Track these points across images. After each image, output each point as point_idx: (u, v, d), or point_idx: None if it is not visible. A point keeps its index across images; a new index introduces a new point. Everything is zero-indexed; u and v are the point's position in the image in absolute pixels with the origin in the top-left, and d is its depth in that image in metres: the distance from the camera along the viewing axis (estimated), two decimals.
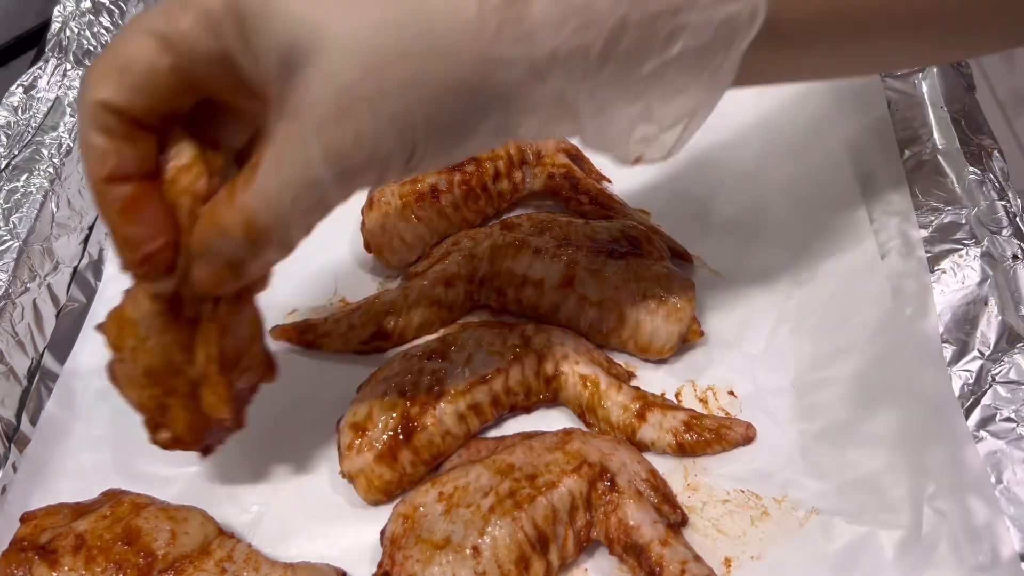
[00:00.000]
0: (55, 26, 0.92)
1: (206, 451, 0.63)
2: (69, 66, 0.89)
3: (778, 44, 0.50)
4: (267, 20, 0.43)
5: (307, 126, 0.44)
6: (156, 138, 0.49)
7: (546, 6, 0.43)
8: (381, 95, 0.43)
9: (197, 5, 0.45)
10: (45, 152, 0.82)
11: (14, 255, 0.75)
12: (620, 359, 0.76)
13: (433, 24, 0.43)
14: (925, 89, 0.84)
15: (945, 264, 0.73)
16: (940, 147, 0.80)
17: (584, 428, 0.72)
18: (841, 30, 0.52)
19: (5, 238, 0.76)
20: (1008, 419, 0.64)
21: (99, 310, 0.80)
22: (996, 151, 0.78)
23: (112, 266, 0.83)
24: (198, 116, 0.51)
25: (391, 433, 0.66)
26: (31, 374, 0.73)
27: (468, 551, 0.60)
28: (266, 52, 0.44)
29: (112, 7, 0.95)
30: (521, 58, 0.44)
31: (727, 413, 0.73)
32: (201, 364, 0.55)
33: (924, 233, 0.75)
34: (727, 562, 0.65)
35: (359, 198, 0.84)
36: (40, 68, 0.89)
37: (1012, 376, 0.65)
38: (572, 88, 0.47)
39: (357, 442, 0.66)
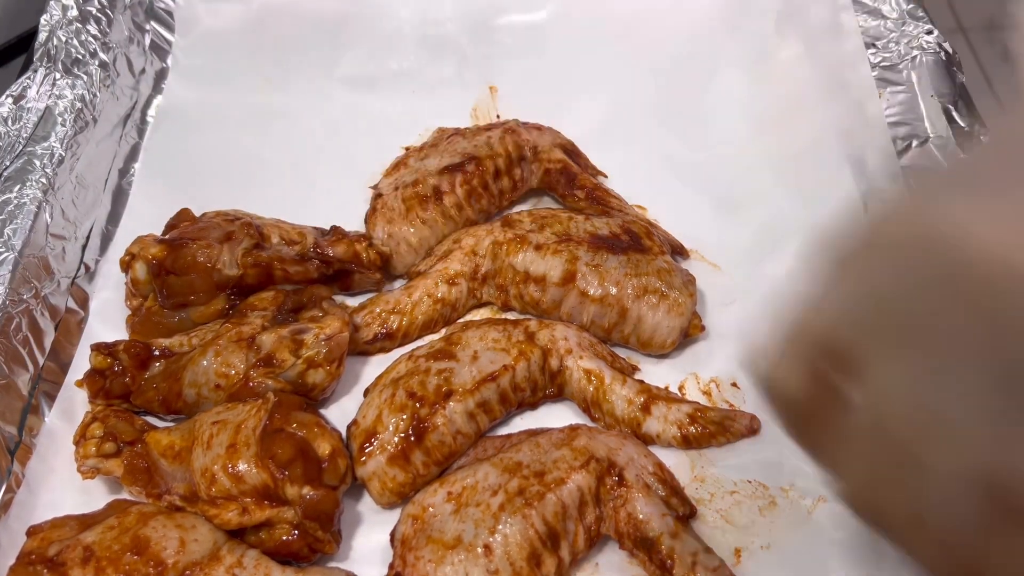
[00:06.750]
0: (42, 35, 0.91)
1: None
2: (58, 75, 0.88)
3: None
4: None
5: None
6: None
7: None
8: None
9: None
10: (37, 163, 0.81)
11: (10, 267, 0.74)
12: (622, 354, 0.76)
13: None
14: (916, 78, 0.84)
15: None
16: (932, 135, 0.80)
17: (589, 423, 0.72)
18: None
19: (0, 250, 0.75)
20: None
21: (95, 324, 0.79)
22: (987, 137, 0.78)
23: (106, 278, 0.81)
24: None
25: (402, 435, 0.65)
26: (32, 387, 0.72)
27: (480, 549, 0.60)
28: None
29: (99, 15, 0.94)
30: None
31: (731, 405, 0.73)
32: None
33: None
34: (737, 552, 0.65)
35: (360, 203, 0.84)
36: (29, 78, 0.87)
37: None
38: None
39: (368, 446, 0.66)
